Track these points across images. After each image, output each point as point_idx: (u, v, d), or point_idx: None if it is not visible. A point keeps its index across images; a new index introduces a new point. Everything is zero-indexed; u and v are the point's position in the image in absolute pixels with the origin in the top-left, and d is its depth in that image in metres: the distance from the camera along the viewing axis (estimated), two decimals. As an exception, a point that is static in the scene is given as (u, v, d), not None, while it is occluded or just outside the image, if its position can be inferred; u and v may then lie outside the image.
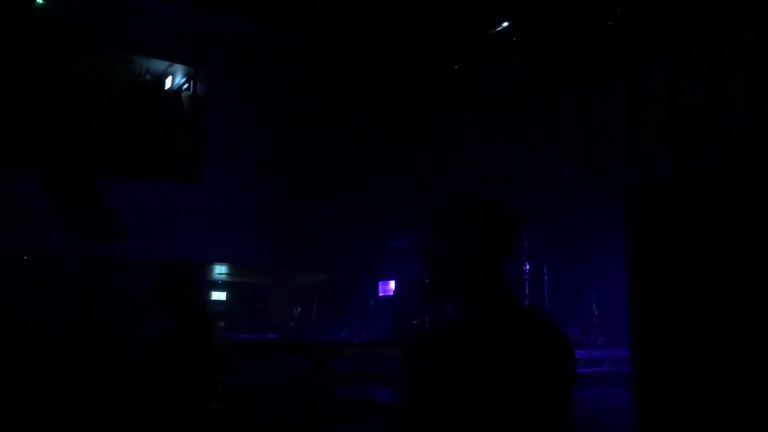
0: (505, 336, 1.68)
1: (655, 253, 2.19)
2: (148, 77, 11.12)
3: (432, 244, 1.82)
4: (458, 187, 10.07)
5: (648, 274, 2.17)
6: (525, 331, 1.69)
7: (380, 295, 9.48)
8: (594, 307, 7.06)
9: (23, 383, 5.23)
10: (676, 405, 2.03)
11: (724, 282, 2.00)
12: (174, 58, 11.07)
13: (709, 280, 2.03)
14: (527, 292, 6.77)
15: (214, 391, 3.60)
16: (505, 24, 7.39)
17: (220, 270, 11.07)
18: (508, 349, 1.65)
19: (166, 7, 10.08)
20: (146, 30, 10.07)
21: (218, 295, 11.11)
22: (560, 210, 7.44)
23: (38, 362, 5.65)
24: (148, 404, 3.44)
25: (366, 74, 11.33)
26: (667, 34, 7.54)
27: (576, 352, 1.75)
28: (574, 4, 8.38)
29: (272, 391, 5.76)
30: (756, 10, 6.76)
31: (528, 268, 6.84)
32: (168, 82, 11.57)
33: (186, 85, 11.32)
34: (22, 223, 8.21)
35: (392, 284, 8.93)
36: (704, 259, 2.05)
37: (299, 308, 10.93)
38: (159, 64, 11.19)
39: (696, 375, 2.01)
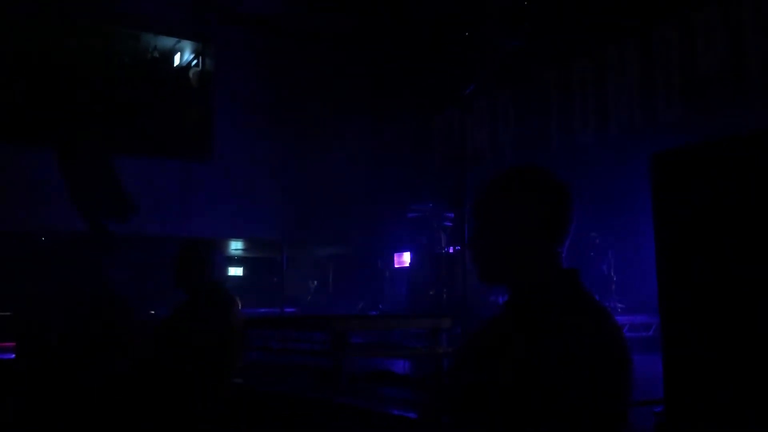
0: (546, 333, 1.54)
1: (681, 219, 2.15)
2: (156, 54, 11.04)
3: (474, 226, 1.71)
4: (472, 156, 10.00)
5: (675, 241, 2.12)
6: (571, 329, 1.54)
7: (395, 266, 9.47)
8: (612, 273, 7.01)
9: (36, 361, 5.26)
10: (707, 372, 2.00)
11: (751, 247, 1.95)
12: (182, 35, 10.99)
13: (737, 245, 1.99)
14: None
15: (233, 366, 3.61)
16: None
17: (235, 246, 11.09)
18: (546, 349, 1.50)
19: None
20: (153, 6, 9.99)
21: (235, 271, 11.18)
22: (575, 176, 7.35)
23: (52, 341, 5.66)
24: (164, 382, 3.45)
25: (378, 44, 11.22)
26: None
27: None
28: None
29: (291, 364, 5.78)
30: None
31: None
32: (177, 59, 11.50)
33: (195, 62, 11.25)
34: (37, 201, 8.24)
35: (407, 256, 8.91)
36: (733, 225, 2.00)
37: (315, 281, 10.96)
38: (167, 41, 11.11)
39: (727, 342, 1.97)
